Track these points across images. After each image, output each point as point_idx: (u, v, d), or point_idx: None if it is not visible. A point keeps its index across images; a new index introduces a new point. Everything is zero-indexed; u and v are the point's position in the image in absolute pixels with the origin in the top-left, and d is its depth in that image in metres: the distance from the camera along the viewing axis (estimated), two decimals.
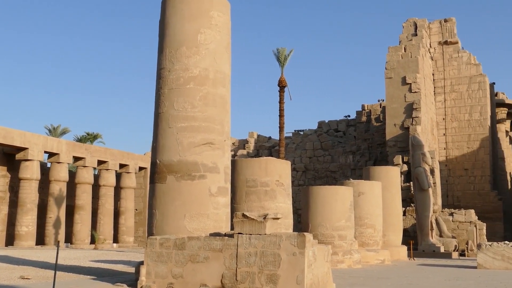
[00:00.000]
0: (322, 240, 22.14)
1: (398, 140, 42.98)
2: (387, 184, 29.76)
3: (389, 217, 29.44)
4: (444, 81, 50.74)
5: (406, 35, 46.99)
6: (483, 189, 48.57)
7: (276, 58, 48.68)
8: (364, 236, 26.49)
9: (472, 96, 49.75)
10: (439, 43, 51.31)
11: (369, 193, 26.89)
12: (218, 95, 14.60)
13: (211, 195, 14.04)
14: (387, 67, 44.88)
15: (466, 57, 50.54)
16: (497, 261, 23.16)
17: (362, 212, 26.36)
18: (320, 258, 11.86)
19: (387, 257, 26.74)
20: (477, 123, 49.30)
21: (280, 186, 18.58)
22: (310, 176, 50.52)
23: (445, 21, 51.51)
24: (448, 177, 49.49)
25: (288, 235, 11.26)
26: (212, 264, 11.71)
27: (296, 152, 51.87)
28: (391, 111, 43.99)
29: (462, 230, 38.43)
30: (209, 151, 14.19)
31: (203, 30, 14.60)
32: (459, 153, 49.57)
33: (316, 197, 23.48)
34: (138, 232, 51.59)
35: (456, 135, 49.89)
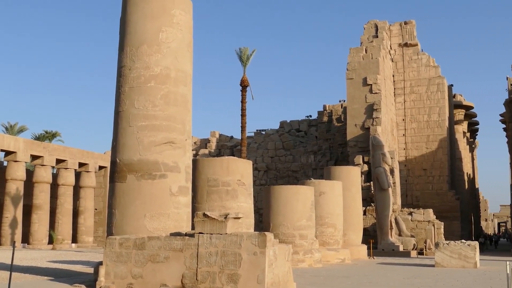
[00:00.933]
0: (283, 239, 22.20)
1: (358, 140, 43.46)
2: (348, 184, 30.03)
3: (349, 217, 29.71)
4: (404, 83, 51.54)
5: (367, 36, 47.53)
6: (441, 189, 49.51)
7: (239, 58, 48.64)
8: (325, 235, 26.67)
9: (431, 97, 50.66)
10: (399, 45, 52.08)
11: (330, 192, 27.09)
12: (180, 94, 14.49)
13: (172, 194, 13.92)
14: (349, 68, 45.33)
15: (425, 59, 51.44)
16: (454, 260, 23.62)
17: (323, 211, 26.53)
18: (281, 257, 11.88)
19: (348, 256, 26.98)
20: (435, 124, 50.22)
21: (242, 186, 18.56)
22: (271, 176, 50.67)
23: (405, 23, 52.31)
24: (407, 177, 50.30)
25: (249, 235, 11.25)
26: (173, 264, 11.61)
27: (258, 151, 51.96)
28: (352, 112, 44.45)
29: (420, 229, 39.08)
30: (170, 150, 14.07)
31: (165, 29, 14.46)
32: (418, 154, 50.42)
33: (277, 197, 23.54)
34: (98, 232, 50.86)
35: (415, 135, 50.73)
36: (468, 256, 23.62)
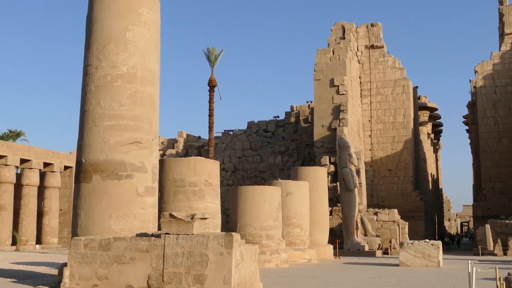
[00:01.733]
0: (250, 240, 22.23)
1: (325, 141, 43.78)
2: (315, 184, 30.21)
3: (316, 217, 29.89)
4: (370, 84, 52.10)
5: (335, 38, 47.91)
6: (406, 189, 50.20)
7: (207, 58, 48.54)
8: (292, 235, 26.78)
9: (397, 99, 51.32)
10: (366, 46, 52.64)
11: (296, 193, 27.21)
12: (147, 93, 14.40)
13: (138, 195, 13.83)
14: (316, 69, 45.62)
15: (391, 61, 52.09)
16: (418, 259, 23.98)
17: (290, 211, 26.64)
18: (248, 257, 11.90)
19: (314, 256, 27.15)
20: (401, 125, 50.89)
21: (209, 186, 18.53)
22: (239, 176, 50.68)
23: (372, 25, 52.90)
24: (373, 177, 50.86)
25: (216, 235, 11.24)
26: (139, 265, 11.53)
27: (225, 152, 51.91)
28: (319, 113, 44.74)
29: (385, 229, 39.56)
30: (137, 150, 13.97)
31: (132, 28, 14.35)
32: (384, 154, 51.03)
33: (244, 197, 23.57)
34: (63, 233, 50.11)
35: (381, 136, 51.34)
36: (431, 255, 24.01)
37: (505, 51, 50.44)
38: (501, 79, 50.23)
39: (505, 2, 51.76)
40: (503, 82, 50.13)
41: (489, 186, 49.63)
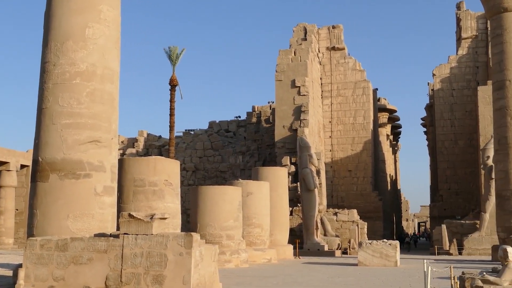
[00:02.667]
0: (210, 240, 22.18)
1: (286, 141, 43.97)
2: (275, 185, 30.34)
3: (276, 217, 30.02)
4: (331, 86, 52.56)
5: (296, 39, 48.16)
6: (365, 189, 50.81)
7: (168, 57, 48.19)
8: (252, 235, 26.84)
9: (357, 100, 51.91)
10: (327, 48, 53.07)
11: (257, 193, 27.28)
12: (106, 91, 14.21)
13: (96, 194, 13.64)
14: (278, 70, 45.78)
15: (352, 63, 52.65)
16: (376, 259, 24.33)
17: (250, 212, 26.69)
18: (207, 258, 11.87)
19: (274, 256, 27.26)
20: (360, 126, 51.49)
21: (169, 186, 18.41)
22: (200, 176, 50.46)
23: (333, 27, 53.37)
24: (333, 178, 51.32)
25: (175, 235, 11.17)
26: (96, 266, 11.37)
27: (186, 151, 51.63)
28: (280, 113, 44.91)
29: (345, 229, 40.00)
30: (95, 149, 13.77)
31: (92, 24, 14.14)
32: (344, 155, 51.55)
33: (205, 197, 23.51)
34: (19, 233, 49.04)
35: (341, 137, 51.84)
36: (389, 255, 24.39)
37: (462, 55, 51.56)
38: (458, 82, 51.31)
39: (462, 7, 52.89)
40: (459, 85, 51.22)
41: (446, 187, 50.65)
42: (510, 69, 29.25)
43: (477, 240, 37.56)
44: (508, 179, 28.58)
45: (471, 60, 51.32)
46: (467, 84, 51.02)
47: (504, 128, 29.09)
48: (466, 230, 39.30)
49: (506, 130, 28.95)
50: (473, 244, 37.46)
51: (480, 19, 50.89)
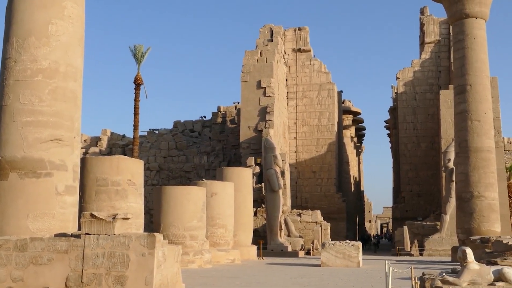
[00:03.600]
0: (174, 240, 22.06)
1: (251, 142, 44.03)
2: (239, 185, 30.36)
3: (240, 217, 30.05)
4: (297, 87, 52.82)
5: (263, 40, 48.27)
6: (329, 191, 51.19)
7: (133, 55, 47.75)
8: (216, 236, 26.80)
9: (322, 102, 52.28)
10: (293, 50, 53.33)
11: (221, 193, 27.26)
12: (69, 89, 13.97)
13: (57, 194, 13.39)
14: (243, 70, 45.81)
15: (317, 65, 53.01)
16: (339, 259, 24.55)
17: (214, 212, 26.65)
18: (170, 258, 11.79)
19: (237, 256, 27.26)
20: (325, 128, 51.88)
21: (132, 186, 18.24)
22: (164, 176, 50.14)
23: (299, 29, 53.66)
24: (297, 179, 51.57)
25: (138, 236, 11.07)
26: (57, 266, 11.17)
27: (150, 151, 51.23)
28: (246, 114, 44.95)
29: (309, 230, 40.25)
30: (57, 147, 13.53)
31: (55, 21, 13.88)
32: (308, 156, 51.85)
33: (168, 197, 23.37)
34: None
35: (306, 139, 52.14)
36: (352, 255, 24.64)
37: (425, 59, 52.41)
38: (420, 86, 52.15)
39: (426, 12, 53.77)
40: (422, 89, 52.07)
41: (408, 189, 51.41)
42: (471, 74, 29.88)
43: (437, 241, 38.23)
44: (468, 181, 29.18)
45: (433, 65, 52.22)
46: (429, 88, 51.89)
47: (464, 131, 29.69)
48: (427, 232, 39.97)
49: (467, 133, 29.55)
50: (434, 245, 38.13)
51: (443, 25, 51.82)
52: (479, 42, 30.27)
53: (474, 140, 29.40)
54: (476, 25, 30.27)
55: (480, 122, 29.55)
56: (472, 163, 29.25)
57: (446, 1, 31.14)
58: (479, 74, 29.97)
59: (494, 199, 29.15)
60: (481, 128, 29.50)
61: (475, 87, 29.79)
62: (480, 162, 29.21)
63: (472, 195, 28.94)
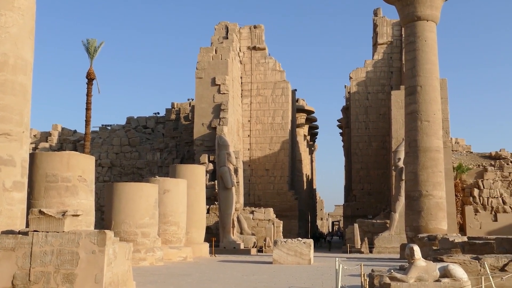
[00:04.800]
0: (125, 237, 21.83)
1: (205, 139, 43.91)
2: (192, 182, 30.27)
3: (193, 215, 29.95)
4: (251, 85, 52.94)
5: (218, 37, 48.17)
6: (281, 189, 51.54)
7: (86, 49, 46.91)
8: (168, 233, 26.64)
9: (276, 100, 52.56)
10: (248, 48, 53.41)
11: (174, 190, 27.10)
12: (18, 83, 13.64)
13: (5, 190, 13.06)
14: (198, 67, 45.62)
15: (272, 63, 53.26)
16: (291, 257, 24.75)
17: (167, 209, 26.48)
18: (121, 256, 11.66)
19: (190, 254, 27.17)
20: (279, 126, 52.19)
21: (83, 182, 17.94)
22: (116, 173, 49.48)
23: (255, 27, 53.80)
24: (250, 176, 51.72)
25: (88, 233, 10.90)
26: (3, 264, 10.87)
27: (102, 147, 50.47)
28: (200, 111, 44.79)
29: (261, 227, 40.44)
30: (5, 142, 13.19)
31: (4, 12, 13.52)
32: (262, 154, 52.07)
33: (120, 194, 23.10)
34: None
35: (259, 137, 52.34)
36: (303, 253, 24.88)
37: (378, 60, 53.32)
38: (373, 86, 53.05)
39: (379, 14, 54.69)
40: (374, 89, 52.97)
41: (359, 187, 52.24)
42: (421, 75, 30.55)
43: (387, 238, 38.98)
44: (417, 180, 29.84)
45: (386, 65, 53.18)
46: (381, 88, 52.82)
47: (414, 131, 30.35)
48: (377, 229, 40.71)
49: (416, 133, 30.21)
50: (383, 242, 38.86)
51: (396, 26, 52.82)
52: (430, 44, 30.97)
53: (423, 140, 30.07)
54: (427, 28, 30.96)
55: (430, 122, 30.24)
56: (421, 163, 29.91)
57: (398, 3, 31.73)
58: (429, 76, 30.67)
59: (441, 197, 29.90)
60: (430, 128, 30.20)
61: (425, 88, 30.47)
62: (429, 162, 29.90)
63: (421, 193, 29.60)
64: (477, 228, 42.20)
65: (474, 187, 44.17)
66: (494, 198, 43.64)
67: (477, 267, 12.26)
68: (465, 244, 16.43)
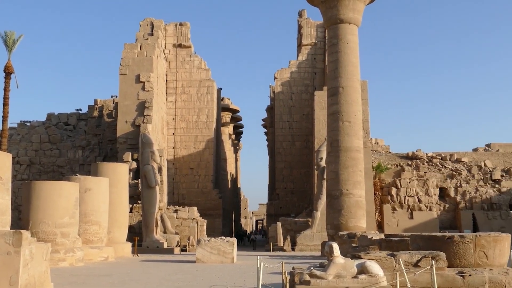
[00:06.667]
0: (43, 237, 21.20)
1: (129, 137, 43.23)
2: (115, 181, 29.77)
3: (115, 214, 29.47)
4: (176, 83, 52.61)
5: (143, 34, 47.55)
6: (206, 187, 51.52)
7: (3, 42, 45.11)
8: (89, 233, 26.09)
9: (201, 99, 52.49)
10: (173, 45, 53.04)
11: (96, 189, 26.57)
12: None
13: None
14: (122, 63, 44.85)
15: (197, 61, 53.13)
16: (214, 256, 24.81)
17: (88, 208, 25.93)
18: (38, 256, 11.35)
19: (111, 254, 26.73)
20: (204, 125, 52.14)
21: None
22: (35, 171, 47.88)
23: (181, 24, 53.48)
24: (175, 175, 51.40)
25: (3, 233, 10.55)
26: None
27: (21, 144, 48.70)
28: (124, 108, 44.06)
29: (185, 226, 40.27)
30: None
31: None
32: (186, 153, 51.86)
33: (39, 193, 22.40)
34: None
35: (184, 135, 52.09)
36: (226, 252, 24.99)
37: (302, 60, 54.23)
38: (297, 86, 53.90)
39: (304, 15, 55.62)
40: (298, 89, 53.84)
41: (282, 186, 52.96)
42: (343, 77, 31.32)
43: (308, 236, 39.73)
44: (338, 179, 30.57)
45: (309, 66, 54.17)
46: (305, 88, 53.75)
47: (336, 132, 31.08)
48: (299, 228, 41.41)
49: (338, 133, 30.95)
50: (305, 240, 39.59)
51: (319, 28, 53.90)
52: (352, 46, 31.79)
53: (344, 140, 30.84)
54: (349, 31, 31.76)
55: (351, 123, 31.05)
56: (342, 162, 30.66)
57: (322, 6, 32.36)
58: (351, 77, 31.48)
59: (361, 196, 30.77)
60: (351, 129, 31.01)
61: (346, 90, 31.25)
62: (350, 161, 30.69)
63: (341, 192, 30.35)
64: (394, 225, 43.76)
65: (392, 186, 45.79)
66: (410, 196, 45.40)
67: (393, 263, 12.73)
68: (382, 241, 16.98)
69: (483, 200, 45.12)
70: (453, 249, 13.53)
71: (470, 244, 13.47)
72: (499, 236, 13.72)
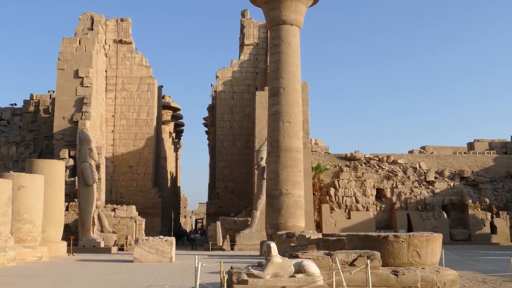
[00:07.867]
0: None
1: (66, 133, 42.22)
2: (51, 178, 29.02)
3: (50, 212, 28.75)
4: (116, 79, 51.76)
5: (82, 28, 46.54)
6: (145, 186, 50.93)
7: None
8: (22, 232, 25.33)
9: (142, 96, 51.83)
10: (114, 41, 52.15)
11: (30, 186, 25.82)
12: None
13: None
14: (60, 58, 43.75)
15: (138, 58, 52.44)
16: (152, 255, 24.54)
17: (22, 206, 25.17)
18: None
19: (45, 253, 26.05)
20: (144, 122, 51.52)
21: None
22: None
23: (122, 20, 52.66)
24: (113, 173, 50.55)
25: None
26: None
27: None
28: (61, 104, 42.98)
29: (123, 225, 39.66)
30: None
31: None
32: (125, 151, 51.10)
33: None
34: None
35: (123, 132, 51.30)
36: (164, 251, 24.78)
37: (244, 60, 54.35)
38: (238, 86, 53.99)
39: (246, 15, 55.76)
40: (240, 89, 53.94)
41: (222, 185, 52.92)
42: (284, 78, 31.55)
43: (248, 236, 39.85)
44: (277, 179, 30.77)
45: (251, 66, 54.35)
46: (247, 88, 53.90)
47: (276, 132, 31.27)
48: (239, 227, 41.48)
49: (278, 134, 31.16)
50: (245, 240, 39.69)
51: (262, 28, 54.16)
52: (293, 48, 32.06)
53: (285, 140, 31.06)
54: (291, 32, 32.01)
55: (291, 123, 31.31)
56: (282, 162, 30.88)
57: (265, 6, 32.50)
58: (292, 78, 31.74)
59: (300, 196, 31.07)
60: (291, 129, 31.27)
61: (287, 90, 31.49)
62: (289, 162, 30.94)
63: (281, 192, 30.55)
64: (332, 225, 44.47)
65: (330, 187, 46.52)
66: (348, 197, 46.24)
67: (329, 262, 12.91)
68: (320, 241, 17.19)
69: (417, 201, 46.46)
70: (388, 249, 13.83)
71: (404, 243, 13.81)
72: (431, 236, 14.12)
